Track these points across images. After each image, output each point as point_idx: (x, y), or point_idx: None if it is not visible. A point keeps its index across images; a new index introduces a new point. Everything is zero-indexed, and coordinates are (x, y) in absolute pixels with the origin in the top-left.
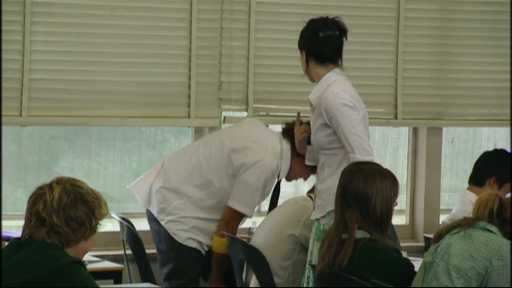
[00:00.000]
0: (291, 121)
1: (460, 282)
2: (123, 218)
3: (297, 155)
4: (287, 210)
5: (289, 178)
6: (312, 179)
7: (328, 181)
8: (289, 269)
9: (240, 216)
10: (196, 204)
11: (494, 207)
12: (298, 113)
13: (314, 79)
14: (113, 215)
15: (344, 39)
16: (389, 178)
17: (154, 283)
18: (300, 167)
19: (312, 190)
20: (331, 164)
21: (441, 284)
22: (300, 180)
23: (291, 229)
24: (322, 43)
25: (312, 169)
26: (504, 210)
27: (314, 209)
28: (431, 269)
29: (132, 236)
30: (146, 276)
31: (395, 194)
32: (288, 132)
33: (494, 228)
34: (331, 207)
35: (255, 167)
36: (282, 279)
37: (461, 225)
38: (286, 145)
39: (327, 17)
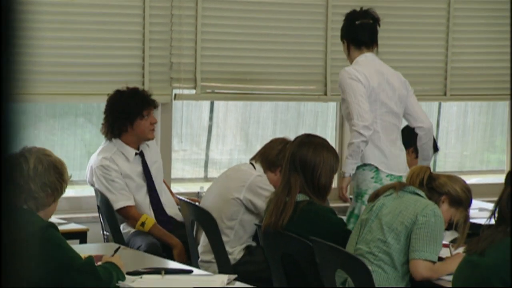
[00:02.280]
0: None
1: (391, 235)
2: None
3: (119, 134)
4: (231, 176)
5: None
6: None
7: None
8: (234, 228)
9: (125, 209)
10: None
11: (425, 177)
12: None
13: None
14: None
15: (378, 26)
16: (334, 154)
17: (124, 244)
18: (132, 138)
19: (253, 158)
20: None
21: (374, 237)
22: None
23: (236, 193)
24: (358, 30)
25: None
26: (433, 181)
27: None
28: (367, 225)
29: (104, 202)
30: (117, 238)
31: (336, 168)
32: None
33: (421, 192)
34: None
35: (90, 174)
36: (229, 237)
37: (394, 188)
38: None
39: (361, 8)
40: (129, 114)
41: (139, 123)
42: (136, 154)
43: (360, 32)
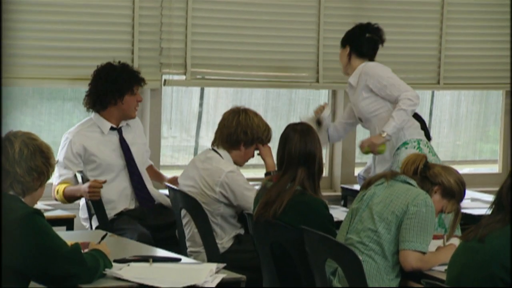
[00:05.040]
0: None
1: (382, 225)
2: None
3: (105, 107)
4: (200, 175)
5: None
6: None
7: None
8: (219, 223)
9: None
10: None
11: (420, 165)
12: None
13: (348, 72)
14: None
15: (380, 44)
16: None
17: (110, 230)
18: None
19: (214, 142)
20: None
21: (365, 227)
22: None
23: (210, 192)
24: (365, 42)
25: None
26: (428, 170)
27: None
28: (357, 214)
29: None
30: (103, 224)
31: None
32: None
33: (413, 182)
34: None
35: None
36: (216, 232)
37: (385, 177)
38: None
39: (375, 24)
40: (120, 88)
41: (128, 98)
42: (112, 128)
43: (366, 45)
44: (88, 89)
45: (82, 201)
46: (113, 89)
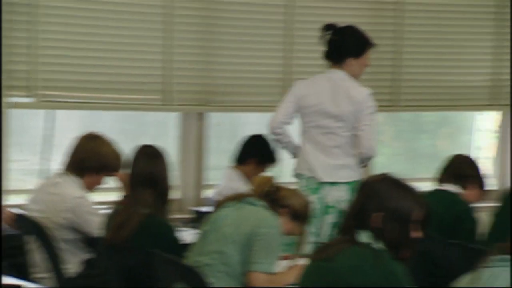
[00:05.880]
0: None
1: (231, 247)
2: None
3: None
4: (48, 200)
5: None
6: None
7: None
8: (67, 247)
9: None
10: None
11: (267, 188)
12: None
13: None
14: None
15: (341, 42)
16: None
17: None
18: None
19: (67, 167)
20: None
21: (215, 249)
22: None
23: (57, 218)
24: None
25: None
26: (275, 192)
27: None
28: (207, 237)
29: None
30: None
31: None
32: None
33: (260, 203)
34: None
35: None
36: (63, 257)
37: (235, 199)
38: None
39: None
40: None
41: None
42: None
43: (326, 47)
44: None
45: None
46: None
